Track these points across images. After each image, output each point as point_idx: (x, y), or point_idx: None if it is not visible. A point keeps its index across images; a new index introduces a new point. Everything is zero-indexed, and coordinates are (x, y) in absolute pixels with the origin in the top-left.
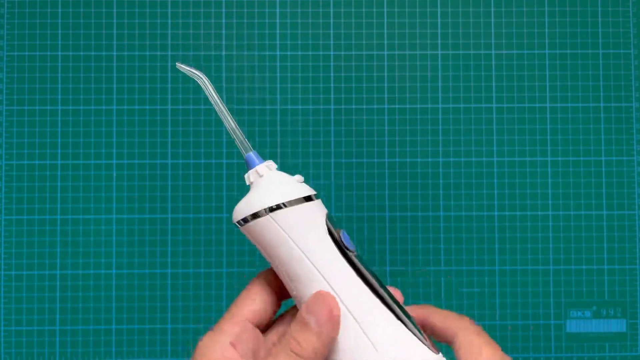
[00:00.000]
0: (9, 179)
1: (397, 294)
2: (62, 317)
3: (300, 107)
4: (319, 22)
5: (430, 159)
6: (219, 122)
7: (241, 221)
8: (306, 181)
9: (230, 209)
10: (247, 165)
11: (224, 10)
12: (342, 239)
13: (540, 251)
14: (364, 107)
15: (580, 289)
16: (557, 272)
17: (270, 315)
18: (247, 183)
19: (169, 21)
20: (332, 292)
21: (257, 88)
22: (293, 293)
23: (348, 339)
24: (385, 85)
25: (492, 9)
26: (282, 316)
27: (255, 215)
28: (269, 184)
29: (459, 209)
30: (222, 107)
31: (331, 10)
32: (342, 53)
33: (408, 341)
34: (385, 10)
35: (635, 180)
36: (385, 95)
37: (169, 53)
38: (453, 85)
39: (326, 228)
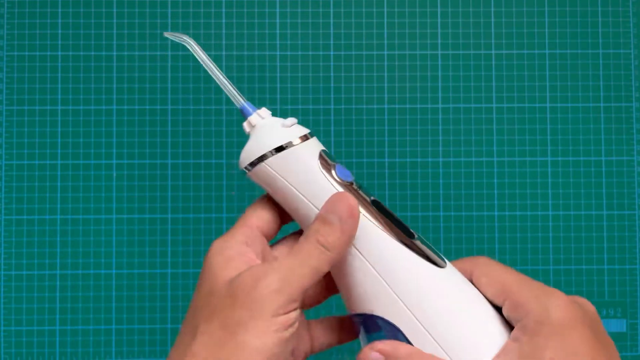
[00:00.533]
0: (9, 179)
1: None
2: (62, 317)
3: (300, 107)
4: (319, 22)
5: (430, 159)
6: (219, 122)
7: (244, 169)
8: None
9: (231, 209)
10: (243, 116)
11: (224, 10)
12: (337, 174)
13: (540, 251)
14: (364, 107)
15: (580, 289)
16: (557, 272)
17: (275, 228)
18: (246, 133)
19: (169, 21)
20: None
21: (257, 88)
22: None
23: (355, 269)
24: (385, 85)
25: (492, 9)
26: (281, 239)
27: (252, 164)
28: (261, 132)
29: (459, 209)
30: (210, 64)
31: (331, 10)
32: (342, 53)
33: (412, 260)
34: (385, 10)
35: (635, 180)
36: (385, 95)
37: (169, 53)
38: (453, 85)
39: (319, 165)
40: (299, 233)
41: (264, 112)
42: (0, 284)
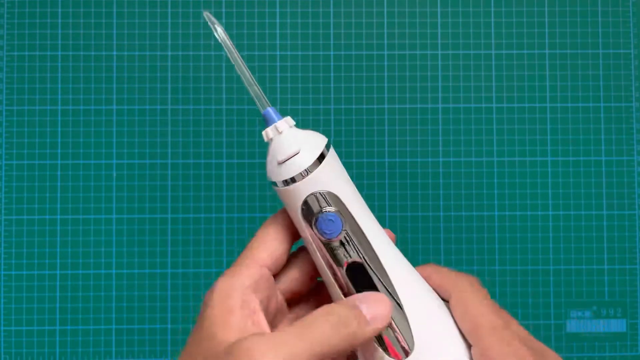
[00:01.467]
0: (9, 179)
1: (389, 233)
2: (62, 317)
3: (300, 107)
4: (319, 22)
5: (430, 159)
6: (219, 122)
7: (271, 183)
8: None
9: (230, 209)
10: (266, 122)
11: (224, 10)
12: (317, 225)
13: (540, 251)
14: (364, 107)
15: (581, 289)
16: (557, 272)
17: (285, 260)
18: (266, 140)
19: (169, 21)
20: (324, 269)
21: (257, 83)
22: None
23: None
24: (385, 85)
25: (492, 9)
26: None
27: (273, 184)
28: (272, 153)
29: (459, 209)
30: (238, 59)
31: (331, 10)
32: (342, 53)
33: (368, 348)
34: (385, 10)
35: (635, 180)
36: (385, 95)
37: (169, 53)
38: (453, 85)
39: (300, 213)
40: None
41: (284, 123)
42: (0, 284)
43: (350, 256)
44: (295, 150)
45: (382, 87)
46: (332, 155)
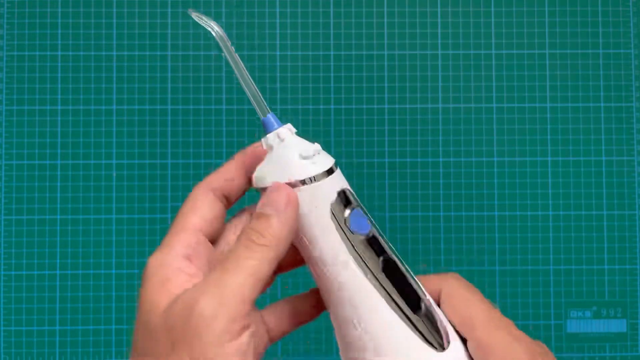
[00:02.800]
0: (8, 179)
1: None
2: (62, 317)
3: (300, 107)
4: (319, 22)
5: (430, 159)
6: (219, 122)
7: (259, 189)
8: None
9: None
10: (265, 129)
11: (224, 10)
12: (350, 223)
13: (540, 251)
14: (364, 107)
15: (581, 289)
16: (557, 272)
17: (220, 224)
18: (264, 147)
19: (169, 21)
20: (334, 282)
21: (257, 88)
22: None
23: (351, 336)
24: (385, 85)
25: (492, 9)
26: (228, 224)
27: (265, 189)
28: (277, 158)
29: (459, 209)
30: (237, 60)
31: (331, 10)
32: (342, 53)
33: (409, 343)
34: (385, 10)
35: (635, 180)
36: (385, 95)
37: (169, 53)
38: (453, 85)
39: (330, 212)
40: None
41: (286, 130)
42: (0, 284)
43: (385, 252)
44: (317, 147)
45: (382, 87)
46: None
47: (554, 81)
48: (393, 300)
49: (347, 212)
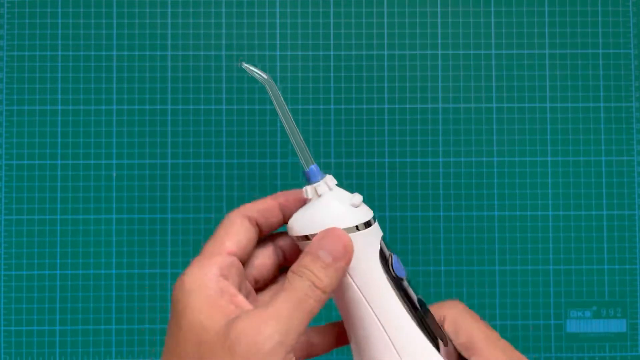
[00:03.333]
0: (9, 179)
1: None
2: (62, 317)
3: (300, 107)
4: (319, 22)
5: (430, 159)
6: (219, 122)
7: (298, 237)
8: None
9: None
10: (307, 179)
11: (224, 10)
12: (393, 267)
13: (540, 251)
14: (364, 107)
15: (580, 289)
16: (557, 272)
17: (251, 251)
18: (305, 196)
19: (169, 21)
20: (378, 324)
21: (257, 88)
22: (342, 315)
23: (378, 349)
24: (385, 85)
25: (492, 9)
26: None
27: (310, 238)
28: (326, 205)
29: (459, 209)
30: (287, 114)
31: (331, 10)
32: (342, 53)
33: None
34: (385, 10)
35: (635, 180)
36: (385, 95)
37: (169, 53)
38: (453, 85)
39: (378, 257)
40: (268, 250)
41: (331, 180)
42: (0, 284)
43: (417, 293)
44: (360, 196)
45: (382, 87)
46: None
47: (554, 81)
48: (430, 335)
49: (389, 256)
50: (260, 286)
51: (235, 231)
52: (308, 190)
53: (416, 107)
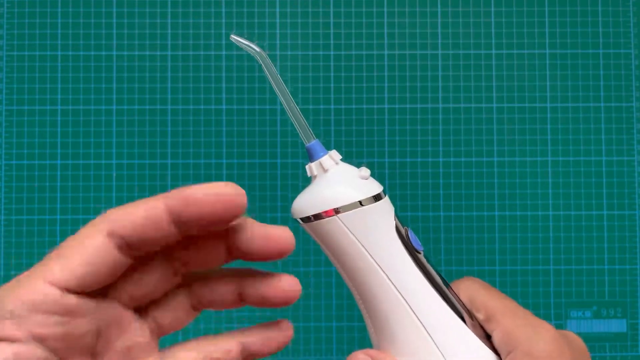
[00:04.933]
0: (8, 179)
1: None
2: None
3: (300, 107)
4: (319, 22)
5: (430, 159)
6: (219, 122)
7: (305, 218)
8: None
9: None
10: (310, 156)
11: (223, 10)
12: (410, 240)
13: (540, 251)
14: (364, 107)
15: (581, 289)
16: (557, 272)
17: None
18: (309, 175)
19: (169, 21)
20: (400, 298)
21: (257, 88)
22: (355, 295)
23: (417, 346)
24: (385, 85)
25: (492, 9)
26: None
27: (320, 216)
28: (335, 179)
29: (459, 209)
30: (282, 86)
31: (331, 10)
32: (342, 53)
33: (476, 348)
34: (385, 10)
35: (635, 180)
36: (385, 95)
37: (169, 53)
38: (453, 85)
39: (395, 229)
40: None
41: (336, 155)
42: (1, 284)
43: (434, 268)
44: (368, 170)
45: (382, 87)
46: None
47: (554, 81)
48: (456, 311)
49: (405, 230)
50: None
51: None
52: (312, 167)
53: (416, 107)
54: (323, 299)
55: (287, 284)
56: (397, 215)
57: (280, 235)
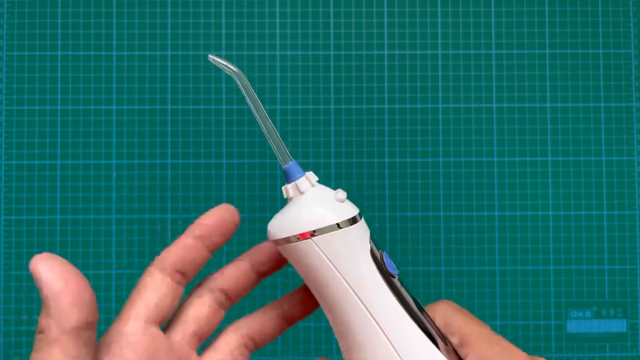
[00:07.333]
0: (8, 179)
1: None
2: None
3: (300, 107)
4: (319, 22)
5: (430, 159)
6: (219, 122)
7: (279, 240)
8: None
9: None
10: (287, 177)
11: (223, 10)
12: (385, 264)
13: (540, 251)
14: (364, 107)
15: (581, 289)
16: (557, 272)
17: (171, 310)
18: (285, 196)
19: (169, 21)
20: (373, 322)
21: (257, 88)
22: (329, 317)
23: None
24: (385, 85)
25: (492, 9)
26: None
27: (295, 238)
28: (311, 202)
29: (459, 209)
30: (259, 107)
31: (331, 10)
32: (342, 53)
33: None
34: (385, 10)
35: (635, 180)
36: (385, 95)
37: (169, 53)
38: (453, 85)
39: (370, 253)
40: None
41: (313, 177)
42: (1, 284)
43: (410, 293)
44: (344, 193)
45: (382, 87)
46: None
47: (554, 81)
48: (430, 336)
49: (380, 253)
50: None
51: (152, 295)
52: (289, 188)
53: (416, 107)
54: None
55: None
56: (372, 239)
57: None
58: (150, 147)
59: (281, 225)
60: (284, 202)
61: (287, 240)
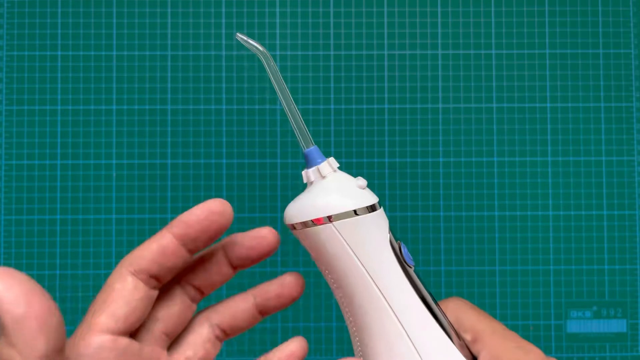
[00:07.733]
0: (8, 179)
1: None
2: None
3: (300, 107)
4: (319, 22)
5: (430, 159)
6: (219, 122)
7: (298, 224)
8: None
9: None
10: (308, 162)
11: (223, 10)
12: (403, 254)
13: (540, 251)
14: (364, 107)
15: (581, 289)
16: (557, 272)
17: (145, 313)
18: (305, 181)
19: (169, 21)
20: (390, 311)
21: (257, 88)
22: (342, 303)
23: (398, 349)
24: (385, 85)
25: (492, 9)
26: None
27: (314, 222)
28: (332, 187)
29: (459, 209)
30: (284, 90)
31: (331, 10)
32: (342, 53)
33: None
34: (385, 10)
35: (635, 180)
36: (385, 95)
37: (169, 53)
38: (453, 85)
39: (389, 241)
40: None
41: (334, 162)
42: None
43: (424, 285)
44: (364, 180)
45: (382, 87)
46: None
47: (554, 81)
48: (441, 325)
49: (398, 244)
50: (173, 336)
51: (121, 296)
52: (310, 173)
53: (416, 107)
54: (323, 299)
55: (287, 280)
56: (391, 229)
57: (261, 232)
58: (150, 147)
59: (300, 209)
60: (285, 202)
61: (306, 224)
